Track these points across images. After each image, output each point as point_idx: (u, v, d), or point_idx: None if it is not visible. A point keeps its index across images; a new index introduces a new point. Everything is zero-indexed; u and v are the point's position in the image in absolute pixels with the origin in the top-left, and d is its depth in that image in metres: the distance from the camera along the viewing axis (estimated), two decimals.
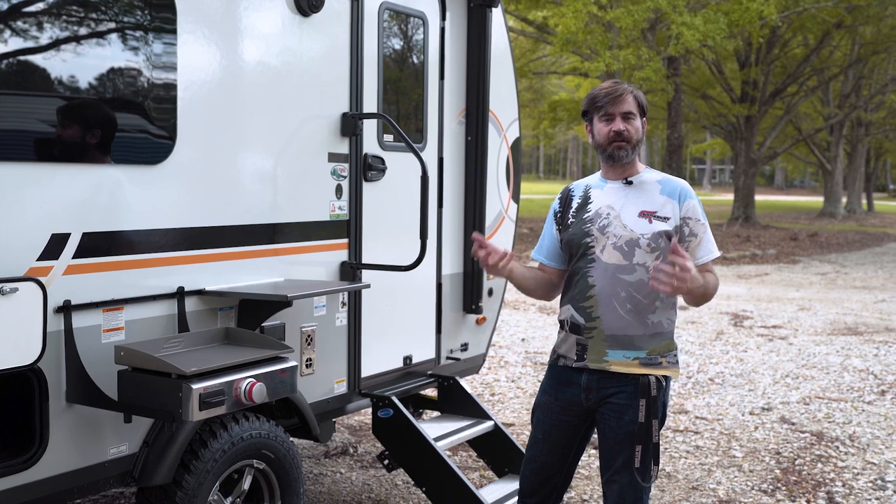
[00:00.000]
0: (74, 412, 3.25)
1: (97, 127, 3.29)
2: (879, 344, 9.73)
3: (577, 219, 3.41)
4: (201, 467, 3.54)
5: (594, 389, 3.34)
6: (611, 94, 3.31)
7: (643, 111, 3.37)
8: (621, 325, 3.30)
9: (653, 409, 3.26)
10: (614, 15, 19.25)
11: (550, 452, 3.47)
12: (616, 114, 3.31)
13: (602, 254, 3.32)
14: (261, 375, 3.30)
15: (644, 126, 3.39)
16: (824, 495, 5.36)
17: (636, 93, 3.35)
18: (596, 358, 3.33)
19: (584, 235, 3.36)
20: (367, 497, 5.23)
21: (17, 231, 3.04)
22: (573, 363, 3.39)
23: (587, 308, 3.34)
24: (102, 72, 3.28)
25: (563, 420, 3.43)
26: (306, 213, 4.18)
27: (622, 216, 3.32)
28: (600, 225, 3.34)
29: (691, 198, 3.37)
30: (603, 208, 3.36)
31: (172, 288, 3.56)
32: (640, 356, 3.30)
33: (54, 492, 3.22)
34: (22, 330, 2.95)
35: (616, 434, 3.31)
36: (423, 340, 5.02)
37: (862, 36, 29.27)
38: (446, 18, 4.99)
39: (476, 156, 5.18)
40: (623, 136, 3.30)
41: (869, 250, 23.11)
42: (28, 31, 3.06)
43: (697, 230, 3.35)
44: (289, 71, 4.04)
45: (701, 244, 3.35)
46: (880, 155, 46.10)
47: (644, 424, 3.26)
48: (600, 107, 3.33)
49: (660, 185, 3.38)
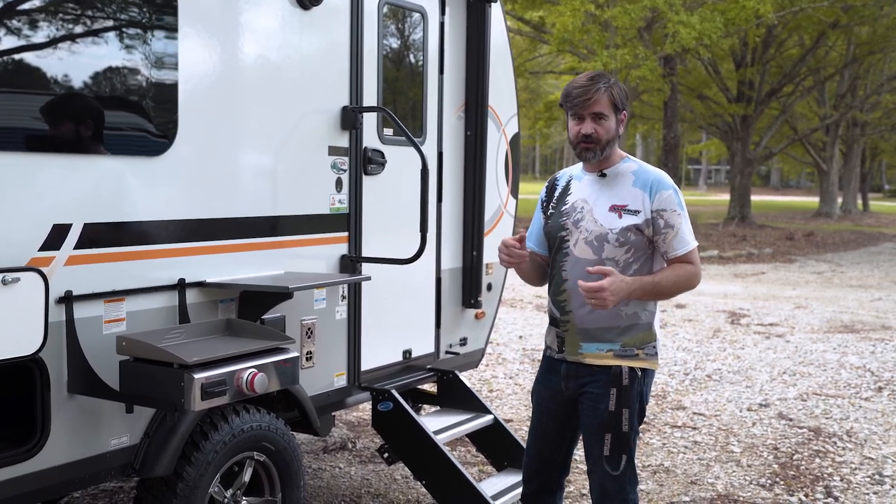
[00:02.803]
0: (76, 403, 3.25)
1: (99, 119, 3.29)
2: (876, 341, 9.75)
3: (556, 211, 3.45)
4: (202, 459, 3.54)
5: (572, 378, 3.40)
6: (582, 95, 3.25)
7: (619, 106, 3.30)
8: (592, 319, 3.33)
9: (623, 398, 3.28)
10: (611, 14, 19.27)
11: (543, 439, 3.54)
12: (585, 115, 3.27)
13: (574, 248, 3.35)
14: (262, 366, 3.31)
15: (622, 121, 3.33)
16: (822, 490, 5.38)
17: (613, 89, 3.28)
18: (572, 350, 3.39)
19: (560, 228, 3.40)
20: (367, 491, 5.23)
21: (19, 221, 3.04)
22: (555, 354, 3.47)
23: (561, 302, 3.40)
24: (104, 65, 3.27)
25: (550, 408, 3.50)
26: (306, 206, 4.18)
27: (594, 210, 3.34)
28: (574, 219, 3.37)
29: (665, 188, 3.30)
30: (578, 202, 3.39)
31: (173, 279, 3.57)
32: (613, 348, 3.33)
33: (56, 482, 3.22)
34: (24, 320, 2.94)
35: (592, 424, 3.36)
36: (423, 335, 5.03)
37: (857, 36, 29.34)
38: (446, 13, 5.00)
39: (475, 151, 5.19)
40: (591, 138, 3.28)
41: (865, 250, 23.16)
42: (33, 27, 3.06)
43: (673, 221, 3.29)
44: (289, 64, 4.04)
45: (677, 236, 3.29)
46: (876, 155, 46.17)
47: (614, 413, 3.28)
48: (570, 106, 3.30)
49: (633, 176, 3.34)
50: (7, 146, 3.01)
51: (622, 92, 3.33)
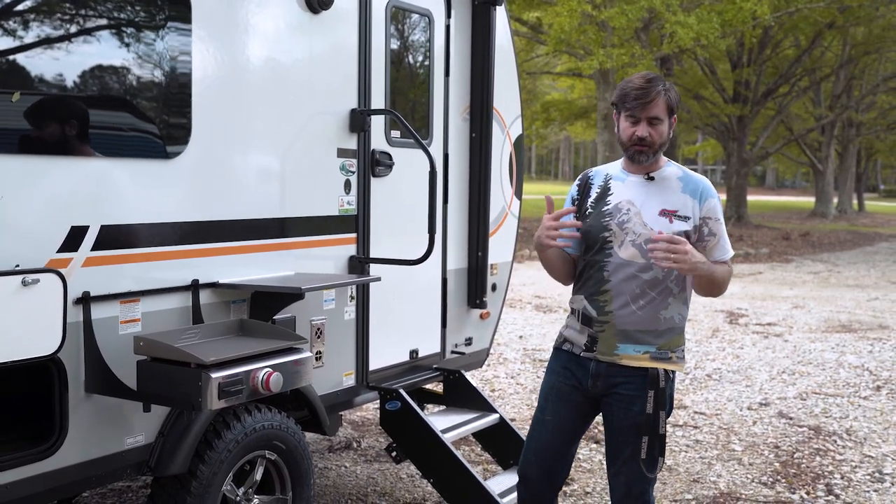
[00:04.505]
0: (93, 402, 3.30)
1: (114, 122, 3.34)
2: (874, 341, 9.82)
3: (596, 210, 3.37)
4: (216, 457, 3.59)
5: (602, 377, 3.36)
6: (640, 97, 3.22)
7: (672, 111, 3.29)
8: (633, 321, 3.30)
9: (661, 400, 3.28)
10: (608, 14, 19.33)
11: (556, 432, 3.45)
12: (642, 118, 3.24)
13: (619, 249, 3.30)
14: (277, 365, 3.36)
15: (673, 125, 3.32)
16: (823, 487, 5.43)
17: (669, 93, 3.26)
18: (606, 350, 3.35)
19: (603, 229, 3.33)
20: (373, 490, 5.28)
21: (38, 223, 3.09)
22: (581, 352, 3.40)
23: (601, 302, 3.34)
24: (119, 69, 3.32)
25: (573, 400, 3.43)
26: (316, 207, 4.23)
27: (643, 213, 3.29)
28: (619, 220, 3.31)
29: (712, 196, 3.33)
30: (623, 203, 3.33)
31: (187, 280, 3.61)
32: (650, 350, 3.32)
33: (73, 480, 3.27)
34: (43, 321, 2.98)
35: (623, 425, 3.33)
36: (429, 334, 5.08)
37: (853, 37, 29.45)
38: (451, 16, 5.05)
39: (480, 152, 5.24)
40: (645, 141, 3.25)
41: (860, 249, 23.25)
42: (49, 28, 3.10)
43: (716, 230, 3.32)
44: (298, 67, 4.09)
45: (719, 244, 3.33)
46: (871, 155, 46.33)
47: (652, 416, 3.27)
48: (628, 107, 3.26)
49: (681, 182, 3.34)
50: (26, 149, 3.06)
51: (677, 96, 3.32)
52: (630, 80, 3.31)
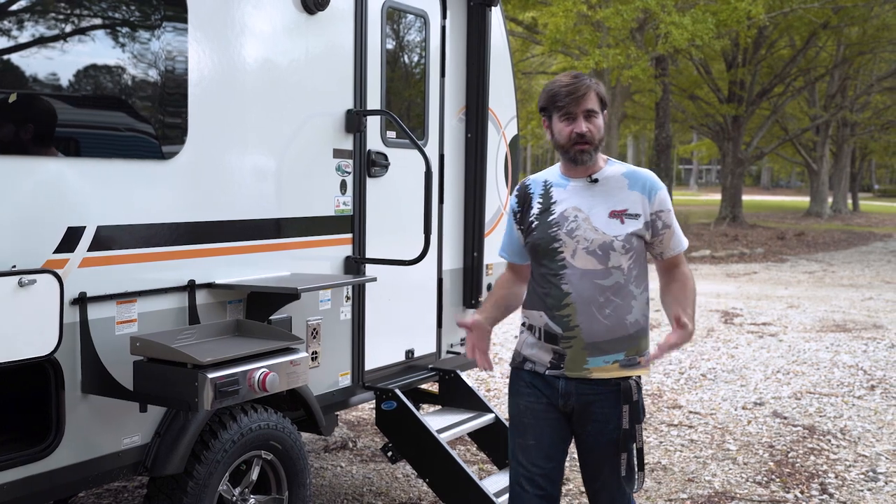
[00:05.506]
0: (89, 403, 3.31)
1: (110, 123, 3.35)
2: (868, 340, 9.85)
3: (542, 221, 3.21)
4: (212, 458, 3.60)
5: (573, 395, 3.20)
6: (572, 92, 3.09)
7: (604, 105, 3.17)
8: (602, 331, 3.15)
9: (635, 414, 3.16)
10: (603, 14, 19.35)
11: (545, 458, 3.25)
12: (578, 113, 3.10)
13: (574, 259, 3.14)
14: (273, 366, 3.37)
15: (605, 120, 3.20)
16: (817, 486, 5.46)
17: (597, 87, 3.15)
18: (575, 367, 3.18)
19: (552, 240, 3.17)
20: (369, 490, 5.29)
21: (34, 224, 3.09)
22: (546, 370, 3.23)
23: (564, 317, 3.17)
24: (115, 69, 3.33)
25: (550, 418, 3.25)
26: (312, 208, 4.24)
27: (591, 218, 3.15)
28: (568, 228, 3.15)
29: (660, 189, 3.20)
30: (569, 210, 3.17)
31: (183, 281, 3.62)
32: (619, 358, 3.18)
33: (69, 481, 3.28)
34: (39, 321, 2.99)
35: (600, 442, 3.21)
36: (425, 335, 5.09)
37: (848, 37, 29.50)
38: (447, 17, 5.06)
39: (476, 153, 5.25)
40: (586, 137, 3.11)
41: (855, 249, 23.30)
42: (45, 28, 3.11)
43: (669, 221, 3.21)
44: (295, 68, 4.10)
45: (674, 235, 3.23)
46: (865, 155, 46.39)
47: (628, 431, 3.16)
48: (561, 106, 3.11)
49: (627, 179, 3.20)
50: (22, 150, 3.06)
51: (603, 90, 3.19)
52: (554, 81, 3.19)
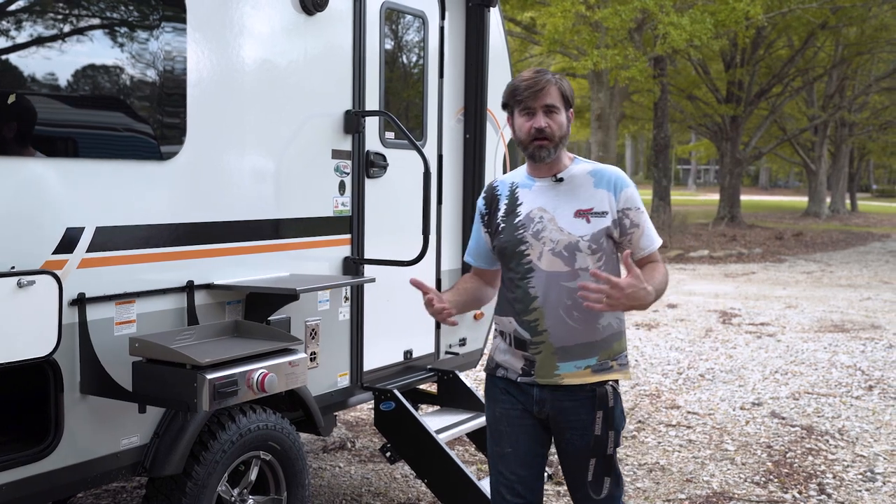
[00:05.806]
0: (88, 403, 3.31)
1: (109, 123, 3.35)
2: (866, 340, 9.86)
3: (508, 224, 3.14)
4: (211, 458, 3.60)
5: (547, 402, 3.12)
6: (532, 86, 3.02)
7: (568, 103, 3.09)
8: (571, 335, 3.06)
9: (610, 420, 3.07)
10: (602, 15, 19.37)
11: (522, 465, 3.17)
12: (537, 108, 3.03)
13: (540, 261, 3.06)
14: (272, 366, 3.37)
15: (570, 119, 3.12)
16: (815, 487, 5.46)
17: (561, 83, 3.07)
18: (545, 373, 3.10)
19: (518, 243, 3.09)
20: (367, 490, 5.30)
21: (33, 225, 3.10)
22: (518, 377, 3.15)
23: (532, 322, 3.09)
24: (114, 70, 3.33)
25: (526, 425, 3.17)
26: (310, 209, 4.24)
27: (557, 218, 3.06)
28: (534, 230, 3.08)
29: (627, 186, 3.10)
30: (534, 211, 3.10)
31: (182, 282, 3.62)
32: (591, 364, 3.09)
33: (68, 482, 3.28)
34: (38, 322, 2.99)
35: (577, 450, 3.12)
36: (423, 335, 5.10)
37: (846, 37, 29.52)
38: (445, 18, 5.07)
39: (474, 153, 5.26)
40: (545, 133, 3.03)
41: (853, 249, 23.32)
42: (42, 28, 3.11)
43: (638, 219, 3.09)
44: (294, 69, 4.10)
45: (644, 234, 3.10)
46: (864, 155, 46.43)
47: (600, 437, 3.06)
48: (520, 100, 3.05)
49: (592, 177, 3.11)
50: (21, 151, 3.06)
51: (570, 88, 3.12)
52: (517, 76, 3.13)
